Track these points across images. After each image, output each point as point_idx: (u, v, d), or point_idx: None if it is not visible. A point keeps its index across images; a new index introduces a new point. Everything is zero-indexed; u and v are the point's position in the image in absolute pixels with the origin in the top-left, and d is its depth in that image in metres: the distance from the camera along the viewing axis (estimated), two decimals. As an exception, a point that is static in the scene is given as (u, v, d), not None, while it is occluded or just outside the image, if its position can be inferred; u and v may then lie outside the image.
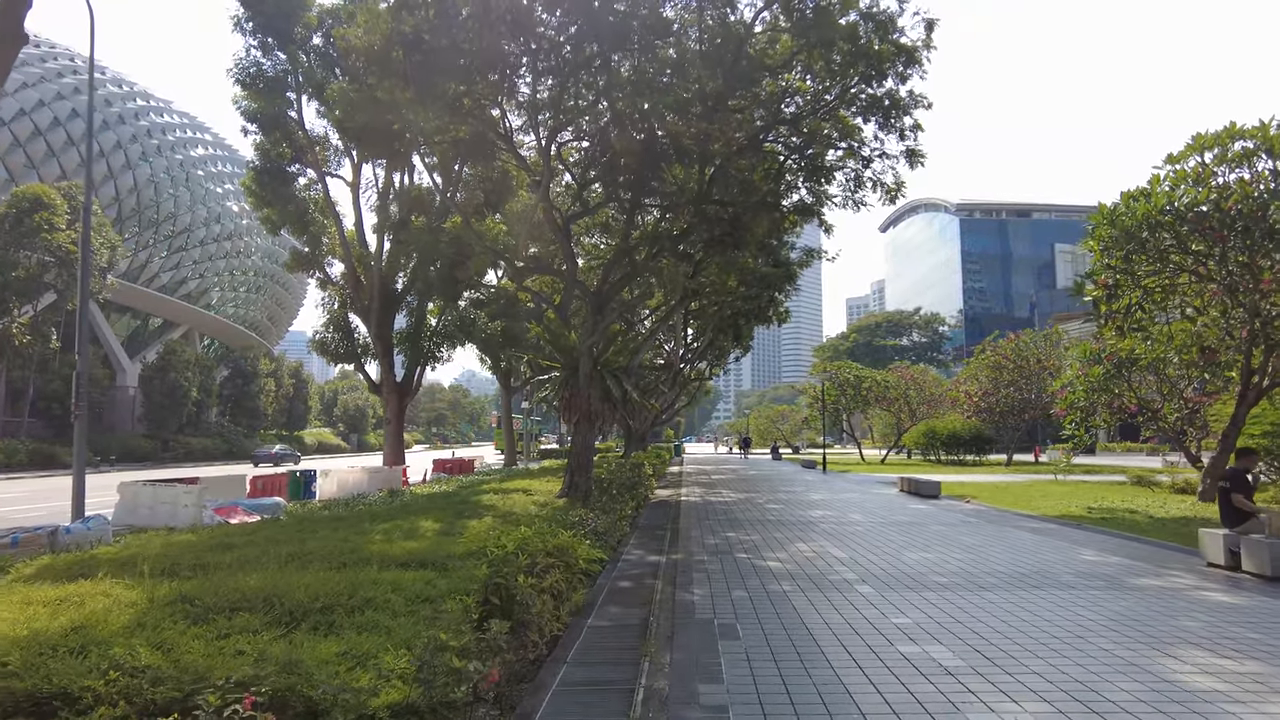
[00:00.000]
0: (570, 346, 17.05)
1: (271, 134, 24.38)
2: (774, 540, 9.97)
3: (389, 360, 25.40)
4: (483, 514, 12.83)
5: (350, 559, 8.38)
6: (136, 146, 51.28)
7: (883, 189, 19.12)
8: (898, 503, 16.01)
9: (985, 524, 11.93)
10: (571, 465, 16.66)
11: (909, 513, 13.74)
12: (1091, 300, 14.49)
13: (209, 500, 17.29)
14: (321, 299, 27.22)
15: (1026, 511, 14.05)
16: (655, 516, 13.01)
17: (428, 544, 9.41)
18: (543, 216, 17.59)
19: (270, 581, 6.16)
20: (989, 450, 38.89)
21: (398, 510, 13.91)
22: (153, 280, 53.32)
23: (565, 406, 17.06)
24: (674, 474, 28.14)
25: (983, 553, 8.88)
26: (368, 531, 10.80)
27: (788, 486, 21.07)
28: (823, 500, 16.54)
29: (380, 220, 25.51)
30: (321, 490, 22.06)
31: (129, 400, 50.82)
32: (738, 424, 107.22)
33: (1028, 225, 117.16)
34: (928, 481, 18.07)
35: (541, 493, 17.69)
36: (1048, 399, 32.24)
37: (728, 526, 11.51)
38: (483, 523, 11.89)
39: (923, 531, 10.90)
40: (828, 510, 14.19)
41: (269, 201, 25.00)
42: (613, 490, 13.60)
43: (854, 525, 11.72)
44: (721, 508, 14.70)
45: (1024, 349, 32.58)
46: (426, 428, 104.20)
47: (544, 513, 13.42)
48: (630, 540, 9.95)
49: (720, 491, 19.19)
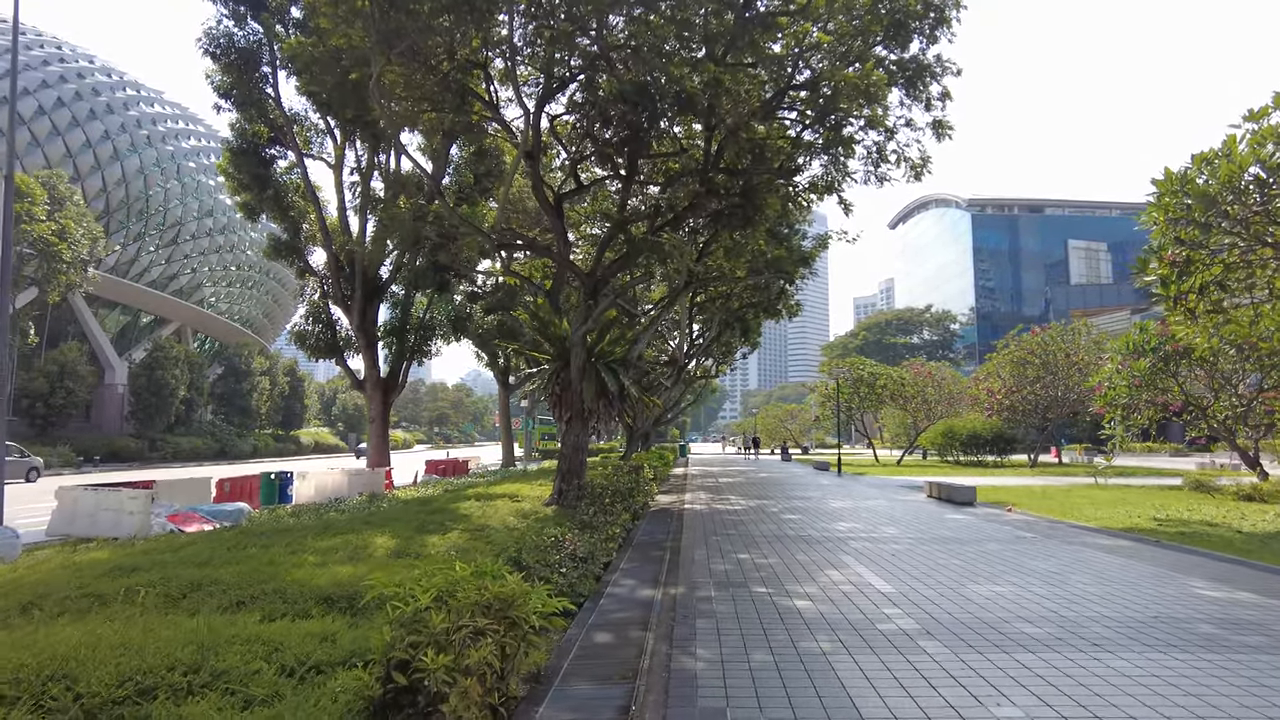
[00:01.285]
0: (561, 336, 15.25)
1: (246, 111, 22.72)
2: (797, 565, 8.10)
3: (372, 354, 23.69)
4: (452, 527, 11.02)
5: (258, 592, 6.60)
6: (125, 137, 49.77)
7: (907, 164, 17.38)
8: (931, 512, 14.11)
9: (1046, 540, 10.03)
10: (562, 469, 14.86)
11: (949, 525, 11.86)
12: (1157, 280, 12.55)
13: (162, 506, 15.63)
14: (301, 289, 25.53)
15: (1082, 523, 12.15)
16: (654, 530, 11.17)
17: (365, 570, 7.61)
18: (533, 193, 15.77)
19: (89, 638, 4.38)
20: (1010, 451, 36.88)
21: (359, 521, 12.14)
22: (142, 275, 51.83)
23: (555, 403, 15.26)
24: (678, 476, 26.29)
25: (1067, 585, 6.99)
26: (305, 550, 9.01)
27: (802, 491, 19.19)
28: (846, 509, 14.65)
29: (362, 204, 23.80)
30: (298, 494, 20.55)
31: (117, 399, 49.30)
32: (744, 423, 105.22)
33: (1040, 221, 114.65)
34: (960, 486, 16.16)
35: (530, 498, 15.90)
36: (1074, 397, 30.24)
37: (739, 544, 9.65)
38: (447, 538, 10.09)
39: (977, 552, 9.02)
40: (854, 522, 12.30)
41: (246, 185, 23.40)
42: (605, 499, 11.76)
43: (890, 542, 9.85)
44: (730, 519, 12.84)
45: (1050, 344, 30.55)
46: (429, 427, 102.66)
47: (523, 525, 11.60)
48: (621, 564, 8.11)
49: (728, 498, 17.33)
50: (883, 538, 10.27)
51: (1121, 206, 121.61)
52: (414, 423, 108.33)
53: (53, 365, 40.76)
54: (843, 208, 18.42)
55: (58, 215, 35.11)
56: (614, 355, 15.38)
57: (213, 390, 55.47)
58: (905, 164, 17.13)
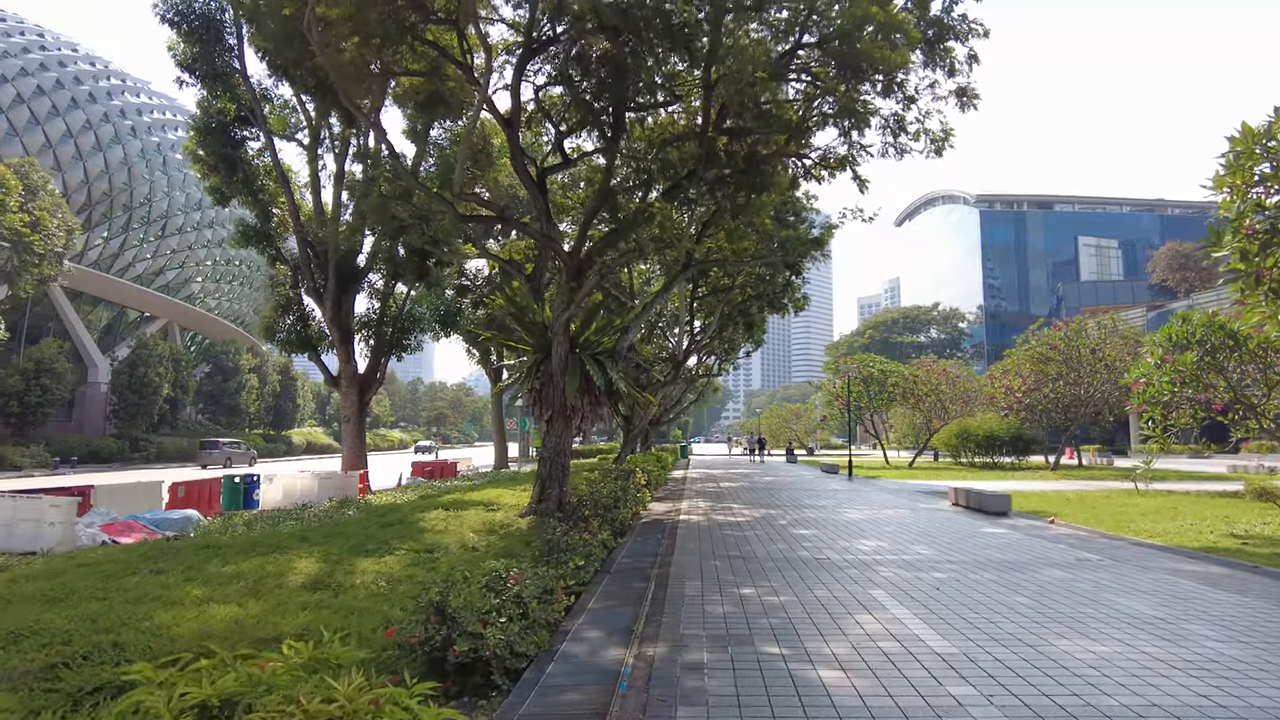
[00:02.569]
0: (540, 323, 13.46)
1: (212, 86, 21.08)
2: (817, 606, 6.28)
3: (346, 348, 21.99)
4: (398, 546, 9.21)
5: (87, 647, 4.83)
6: (108, 128, 48.14)
7: (928, 137, 15.63)
8: (962, 525, 12.28)
9: (1117, 566, 8.20)
10: (542, 474, 13.07)
11: (990, 543, 10.03)
12: (1233, 254, 10.68)
13: (99, 515, 13.95)
14: (271, 277, 23.84)
15: (1147, 539, 10.32)
16: (641, 550, 9.36)
17: (258, 611, 5.84)
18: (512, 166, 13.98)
19: None
20: (1028, 453, 34.93)
21: (299, 537, 10.39)
22: (127, 270, 50.20)
23: (534, 400, 13.47)
24: (676, 480, 24.46)
25: (1190, 643, 5.15)
26: (200, 579, 7.26)
27: (813, 499, 17.36)
28: (865, 522, 12.82)
29: (336, 187, 22.08)
30: (264, 498, 18.75)
31: (101, 398, 47.69)
32: (747, 423, 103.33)
33: (1050, 217, 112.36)
34: (992, 494, 14.31)
35: (507, 507, 14.13)
36: (1100, 395, 28.33)
37: (742, 572, 7.83)
38: (385, 562, 8.28)
39: (1039, 583, 7.20)
40: (879, 539, 10.47)
41: (215, 168, 21.75)
42: (584, 510, 9.98)
43: (928, 568, 8.03)
44: (733, 535, 11.02)
45: (1073, 339, 28.60)
46: (427, 427, 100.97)
47: (486, 543, 9.79)
48: (590, 602, 6.31)
49: (730, 506, 15.51)
50: (917, 561, 8.44)
51: (1132, 203, 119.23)
52: (412, 422, 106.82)
53: (29, 362, 39.11)
54: (858, 184, 16.64)
55: (31, 206, 33.42)
56: (601, 345, 13.59)
57: (200, 389, 53.83)
58: (925, 136, 15.46)
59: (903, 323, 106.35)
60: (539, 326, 13.47)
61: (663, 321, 30.41)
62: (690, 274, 16.83)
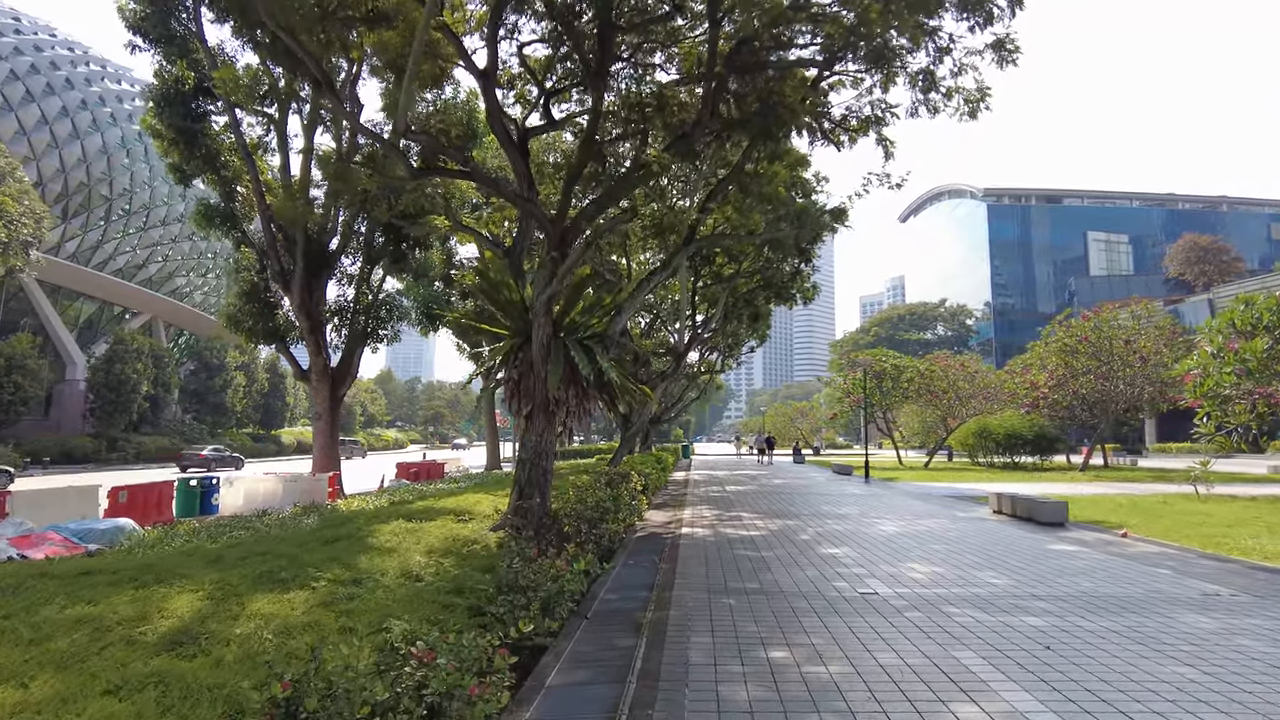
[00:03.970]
0: (518, 302, 11.46)
1: (167, 50, 19.16)
2: (888, 686, 4.25)
3: (316, 339, 20.02)
4: (320, 576, 7.19)
5: None
6: (86, 115, 46.25)
7: (961, 97, 13.74)
8: (1020, 540, 10.26)
9: (1263, 604, 6.19)
10: (519, 479, 11.05)
11: (1070, 566, 8.02)
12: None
13: (12, 525, 12.08)
14: (235, 261, 21.88)
15: (1264, 562, 8.31)
16: (631, 580, 7.36)
17: (46, 697, 3.87)
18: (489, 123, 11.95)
19: None
20: (1051, 452, 32.84)
21: (209, 558, 8.39)
22: (107, 263, 48.28)
23: (512, 393, 11.47)
24: (678, 483, 22.45)
25: None
26: (28, 627, 5.31)
27: (833, 505, 15.35)
28: (903, 536, 10.81)
29: (304, 161, 20.11)
30: (224, 503, 16.75)
31: (78, 396, 45.76)
32: (750, 422, 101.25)
33: (1058, 212, 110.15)
34: (1046, 502, 12.27)
35: (482, 516, 12.12)
36: (1134, 390, 26.29)
37: (766, 618, 5.80)
38: (287, 601, 6.20)
39: (1188, 638, 5.20)
40: (930, 562, 8.45)
41: (175, 143, 19.82)
42: (563, 525, 7.98)
43: (1016, 610, 6.02)
44: (746, 555, 9.00)
45: (1105, 329, 26.52)
46: (423, 427, 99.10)
47: (434, 571, 7.79)
48: (552, 672, 4.31)
49: (739, 516, 13.49)
50: (995, 598, 6.43)
51: (1142, 197, 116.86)
52: (409, 422, 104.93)
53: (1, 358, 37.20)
54: (884, 149, 14.69)
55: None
56: (590, 328, 11.60)
57: (184, 387, 51.90)
58: (958, 96, 13.56)
59: (909, 319, 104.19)
60: (517, 306, 11.47)
61: (663, 313, 28.44)
62: (692, 251, 14.81)
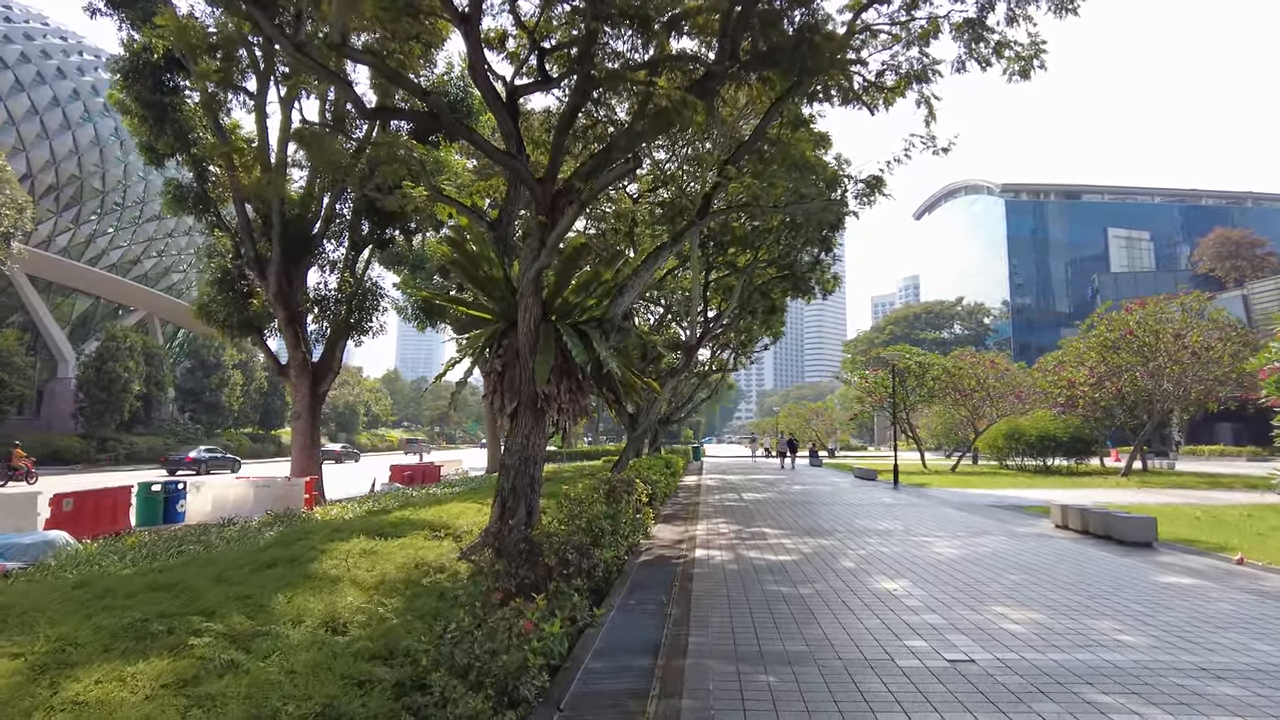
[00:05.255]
0: (499, 280, 9.63)
1: (132, 13, 17.55)
2: None
3: (295, 331, 18.35)
4: (207, 630, 5.33)
5: None
6: (77, 105, 44.92)
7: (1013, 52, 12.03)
8: (1115, 568, 8.32)
9: None
10: (502, 490, 9.17)
11: (1210, 612, 6.12)
12: None
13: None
14: (209, 247, 20.22)
15: None
16: (629, 632, 5.50)
17: None
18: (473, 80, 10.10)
19: None
20: (1088, 455, 30.66)
21: (88, 593, 6.62)
22: (100, 258, 46.93)
23: (494, 387, 9.66)
24: (689, 489, 20.57)
25: None
26: None
27: (869, 518, 13.43)
28: (969, 563, 8.89)
29: (281, 139, 18.41)
30: (190, 510, 15.57)
31: (70, 394, 44.39)
32: (763, 423, 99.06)
33: (1078, 208, 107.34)
34: (1129, 518, 10.29)
35: (464, 531, 10.35)
36: (1182, 390, 24.18)
37: (823, 710, 3.92)
38: (128, 676, 4.56)
39: None
40: (1024, 606, 6.55)
41: (145, 119, 18.20)
42: (545, 556, 6.15)
43: (1187, 696, 4.15)
44: (780, 593, 7.11)
45: (1151, 322, 24.38)
46: (429, 427, 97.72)
47: (363, 628, 5.97)
48: None
49: (763, 532, 11.59)
50: (1144, 673, 4.54)
51: (1164, 193, 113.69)
52: (415, 422, 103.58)
53: (-21, 356, 35.84)
54: (927, 108, 12.81)
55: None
56: (586, 311, 9.76)
57: (179, 385, 50.49)
58: (1009, 53, 11.82)
59: (925, 318, 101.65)
60: (499, 284, 9.63)
61: (674, 306, 26.58)
62: (707, 224, 12.92)
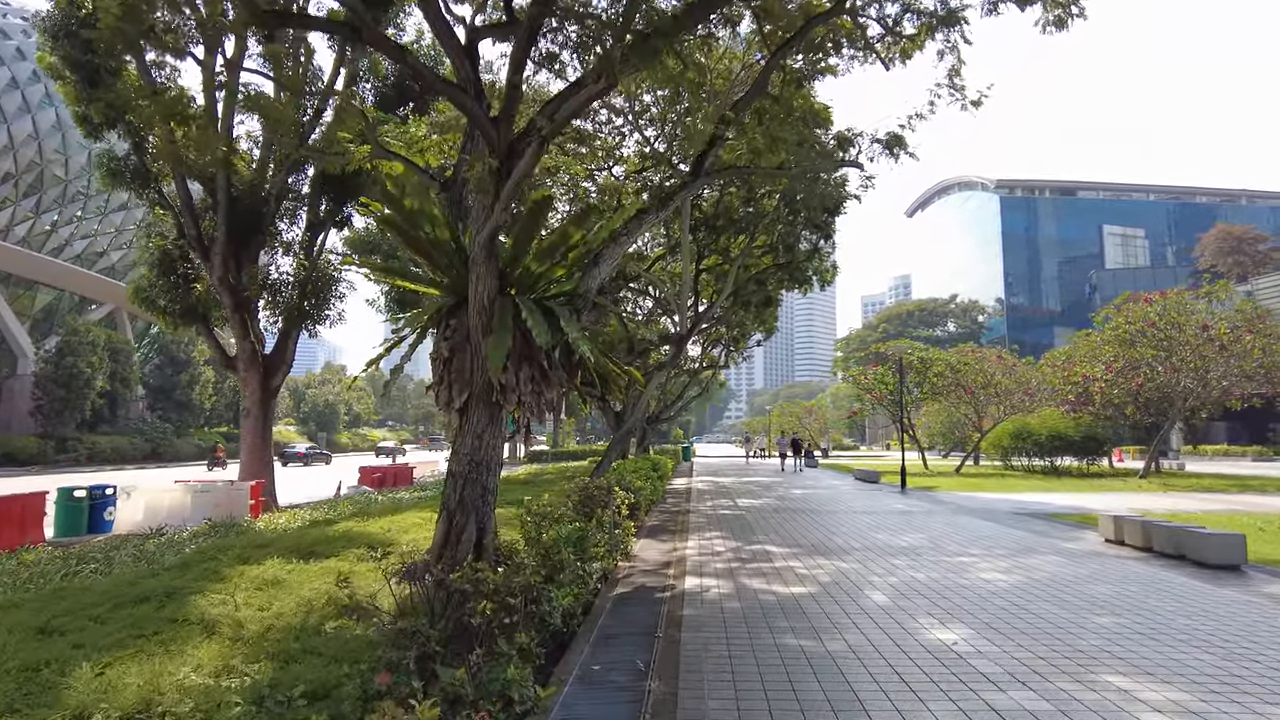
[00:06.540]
0: (445, 243, 7.78)
1: (56, -35, 15.62)
2: None
3: (242, 319, 16.49)
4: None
5: None
6: (38, 87, 42.57)
7: None
8: (1227, 606, 6.64)
9: None
10: (449, 503, 7.21)
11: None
12: None
13: None
14: (148, 226, 18.31)
15: None
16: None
17: None
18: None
19: None
20: (1099, 455, 29.11)
21: None
22: (63, 249, 44.69)
23: (441, 376, 7.81)
24: (678, 493, 18.80)
25: None
26: None
27: (888, 532, 11.70)
28: (1034, 597, 7.17)
29: (227, 107, 16.50)
30: (120, 518, 14.30)
31: (28, 391, 42.12)
32: (754, 422, 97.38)
33: (1073, 205, 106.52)
34: (1212, 536, 8.59)
35: (407, 552, 8.52)
36: (1204, 386, 22.66)
37: None
38: None
39: None
40: (1149, 677, 4.84)
41: (76, 84, 16.32)
42: (481, 604, 4.35)
43: None
44: (799, 649, 5.37)
45: (1172, 314, 22.83)
46: (415, 426, 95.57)
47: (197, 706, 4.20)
48: None
49: (766, 550, 9.82)
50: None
51: (1159, 190, 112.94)
52: (400, 421, 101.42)
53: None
54: (955, 57, 11.15)
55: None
56: (553, 283, 7.94)
57: (147, 383, 48.29)
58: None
59: (918, 316, 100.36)
60: (446, 250, 7.78)
61: (664, 295, 24.84)
62: (701, 187, 11.14)
